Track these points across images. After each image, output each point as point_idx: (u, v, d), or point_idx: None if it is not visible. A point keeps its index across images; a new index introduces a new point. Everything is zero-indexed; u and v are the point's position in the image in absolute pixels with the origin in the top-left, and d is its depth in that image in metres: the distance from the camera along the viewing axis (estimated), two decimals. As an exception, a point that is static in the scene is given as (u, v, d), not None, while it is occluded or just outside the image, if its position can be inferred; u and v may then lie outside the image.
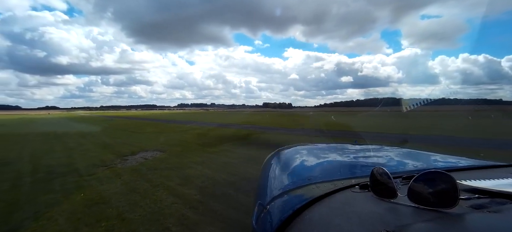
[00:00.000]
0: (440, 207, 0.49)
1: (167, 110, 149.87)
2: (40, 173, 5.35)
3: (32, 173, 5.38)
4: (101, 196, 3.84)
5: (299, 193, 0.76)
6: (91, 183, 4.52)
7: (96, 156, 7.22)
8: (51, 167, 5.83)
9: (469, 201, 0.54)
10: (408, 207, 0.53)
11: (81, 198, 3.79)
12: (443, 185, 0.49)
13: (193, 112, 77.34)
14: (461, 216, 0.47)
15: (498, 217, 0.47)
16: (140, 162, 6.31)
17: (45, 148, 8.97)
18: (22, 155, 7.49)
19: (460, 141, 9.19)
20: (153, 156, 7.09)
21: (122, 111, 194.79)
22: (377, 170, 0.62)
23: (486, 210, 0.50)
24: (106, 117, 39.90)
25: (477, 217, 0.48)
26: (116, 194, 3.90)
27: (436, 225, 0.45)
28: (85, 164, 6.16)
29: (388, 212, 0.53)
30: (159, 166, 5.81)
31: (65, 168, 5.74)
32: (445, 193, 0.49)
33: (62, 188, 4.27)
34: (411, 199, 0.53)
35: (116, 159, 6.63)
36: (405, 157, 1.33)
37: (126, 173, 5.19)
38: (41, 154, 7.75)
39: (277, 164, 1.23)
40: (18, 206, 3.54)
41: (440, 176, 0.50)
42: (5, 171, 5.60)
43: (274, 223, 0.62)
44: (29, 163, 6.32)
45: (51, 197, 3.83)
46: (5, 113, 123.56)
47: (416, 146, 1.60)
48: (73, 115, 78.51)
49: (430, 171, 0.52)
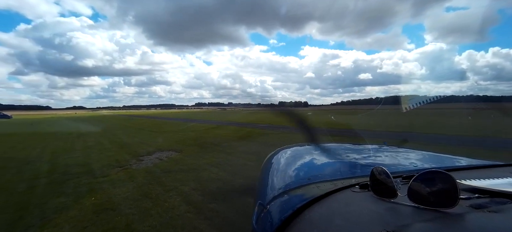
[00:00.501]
0: (440, 207, 0.48)
1: (186, 109, 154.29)
2: (56, 173, 5.29)
3: (48, 173, 5.33)
4: (111, 202, 3.60)
5: (299, 193, 0.76)
6: (104, 186, 4.32)
7: (113, 156, 7.15)
8: (68, 167, 5.78)
9: (469, 200, 0.54)
10: (408, 207, 0.52)
11: (91, 203, 3.57)
12: (443, 184, 0.49)
13: (210, 111, 78.35)
14: (461, 215, 0.47)
15: (498, 217, 0.46)
16: (155, 163, 6.10)
17: (66, 146, 9.12)
18: (44, 154, 7.61)
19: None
20: (169, 156, 6.87)
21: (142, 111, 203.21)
22: (377, 170, 0.62)
23: (486, 209, 0.50)
24: (127, 116, 41.25)
25: (477, 216, 0.47)
26: (127, 200, 3.64)
27: (436, 225, 0.45)
28: (101, 164, 6.06)
29: (388, 212, 0.53)
30: (173, 168, 5.55)
31: (81, 168, 5.65)
32: (445, 192, 0.48)
33: (74, 191, 4.10)
34: (411, 198, 0.52)
35: (132, 160, 6.49)
36: (405, 157, 1.30)
37: (140, 175, 4.97)
38: (61, 152, 7.84)
39: (277, 164, 1.21)
40: (27, 210, 3.38)
41: (440, 175, 0.49)
42: (25, 170, 5.63)
43: (274, 223, 0.61)
44: (47, 163, 6.33)
45: (61, 201, 3.65)
46: (37, 113, 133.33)
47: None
48: (97, 114, 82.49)
49: (430, 170, 0.51)
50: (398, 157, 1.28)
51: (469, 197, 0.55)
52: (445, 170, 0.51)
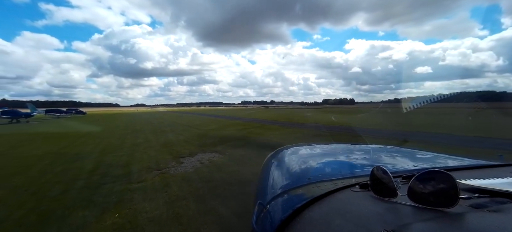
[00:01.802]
0: (440, 207, 0.48)
1: (232, 107, 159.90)
2: (96, 175, 4.96)
3: (88, 174, 5.04)
4: (134, 222, 2.84)
5: (299, 193, 0.75)
6: (134, 196, 3.67)
7: (154, 156, 6.76)
8: (109, 168, 5.48)
9: (469, 200, 0.53)
10: (408, 207, 0.52)
11: (112, 221, 2.87)
12: (443, 184, 0.49)
13: (255, 109, 78.81)
14: (461, 215, 0.47)
15: (498, 217, 0.46)
16: (195, 167, 5.37)
17: (117, 143, 9.33)
18: (94, 151, 7.72)
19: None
20: (211, 160, 6.12)
21: (193, 107, 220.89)
22: (377, 170, 0.61)
23: (486, 209, 0.49)
24: (179, 113, 43.77)
25: (477, 216, 0.47)
26: (153, 222, 2.84)
27: (436, 225, 0.44)
28: (141, 166, 5.62)
29: (388, 212, 0.52)
30: (214, 176, 4.69)
31: (121, 170, 5.27)
32: (445, 192, 0.48)
33: (103, 201, 3.53)
34: (411, 198, 0.52)
35: (172, 162, 5.92)
36: (405, 157, 1.28)
37: (175, 184, 4.23)
38: (110, 149, 7.89)
39: (277, 164, 1.19)
40: (47, 225, 2.86)
41: (440, 175, 0.49)
42: (69, 169, 5.51)
43: (274, 223, 0.61)
44: (93, 162, 6.20)
45: (84, 215, 3.06)
46: (108, 109, 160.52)
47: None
48: (154, 111, 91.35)
49: (430, 170, 0.51)
50: (398, 157, 1.26)
51: (469, 197, 0.54)
52: (445, 170, 0.50)
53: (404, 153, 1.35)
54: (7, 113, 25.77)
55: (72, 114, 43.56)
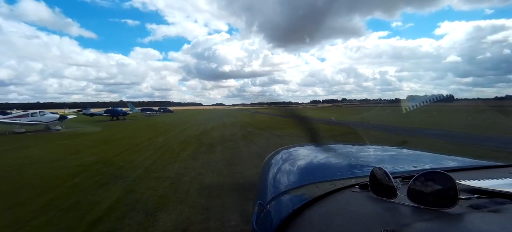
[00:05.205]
0: (440, 207, 0.48)
1: (301, 106, 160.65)
2: (120, 205, 3.86)
3: (114, 203, 3.93)
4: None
5: (299, 193, 0.75)
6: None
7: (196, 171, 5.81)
8: (140, 196, 4.30)
9: (468, 201, 0.54)
10: (407, 207, 0.52)
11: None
12: (443, 185, 0.49)
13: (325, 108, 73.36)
14: (460, 215, 0.46)
15: (497, 217, 0.46)
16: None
17: (178, 150, 8.50)
18: (144, 163, 6.67)
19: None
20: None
21: (264, 107, 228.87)
22: (377, 170, 0.61)
23: (485, 210, 0.50)
24: (251, 112, 44.21)
25: (477, 217, 0.47)
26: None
27: (435, 225, 0.44)
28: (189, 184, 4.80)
29: (388, 212, 0.52)
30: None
31: (150, 192, 4.39)
32: (444, 193, 0.48)
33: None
34: (411, 199, 0.52)
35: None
36: (405, 157, 1.29)
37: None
38: (161, 165, 6.41)
39: (277, 164, 1.20)
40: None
41: (439, 176, 0.50)
42: (107, 188, 4.65)
43: (274, 223, 0.61)
44: (133, 181, 5.13)
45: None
46: (193, 108, 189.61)
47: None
48: (230, 109, 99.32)
49: (430, 171, 0.51)
50: (398, 157, 1.26)
51: (468, 197, 0.55)
52: (445, 171, 0.51)
53: (404, 153, 1.35)
54: (109, 112, 29.90)
55: (161, 112, 49.11)
